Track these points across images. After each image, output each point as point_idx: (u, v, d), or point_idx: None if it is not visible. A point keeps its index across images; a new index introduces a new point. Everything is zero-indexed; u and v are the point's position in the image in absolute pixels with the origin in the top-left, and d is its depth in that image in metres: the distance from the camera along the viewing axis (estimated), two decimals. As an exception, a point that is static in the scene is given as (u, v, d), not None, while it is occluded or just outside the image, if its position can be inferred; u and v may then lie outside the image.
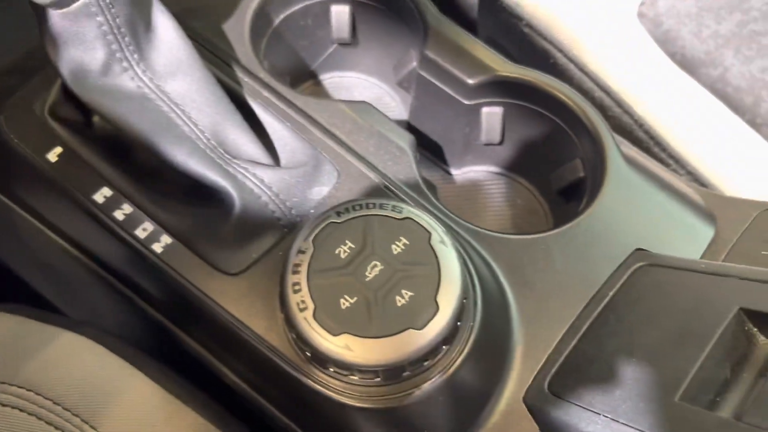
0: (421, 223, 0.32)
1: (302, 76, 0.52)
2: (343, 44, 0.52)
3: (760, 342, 0.30)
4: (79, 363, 0.36)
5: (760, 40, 0.54)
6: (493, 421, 0.33)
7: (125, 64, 0.35)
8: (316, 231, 0.32)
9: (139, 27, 0.35)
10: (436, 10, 0.46)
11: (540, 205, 0.48)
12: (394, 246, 0.32)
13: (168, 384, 0.37)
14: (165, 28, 0.36)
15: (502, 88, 0.43)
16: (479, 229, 0.38)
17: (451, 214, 0.38)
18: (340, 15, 0.49)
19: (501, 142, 0.47)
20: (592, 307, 0.35)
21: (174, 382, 0.38)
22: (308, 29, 0.50)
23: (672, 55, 0.52)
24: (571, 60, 0.47)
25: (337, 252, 0.31)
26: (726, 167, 0.45)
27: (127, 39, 0.34)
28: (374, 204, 0.33)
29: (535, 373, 0.34)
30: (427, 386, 0.31)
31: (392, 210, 0.33)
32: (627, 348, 0.32)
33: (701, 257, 0.37)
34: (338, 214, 0.32)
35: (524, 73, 0.42)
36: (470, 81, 0.43)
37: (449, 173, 0.50)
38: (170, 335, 0.39)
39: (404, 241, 0.32)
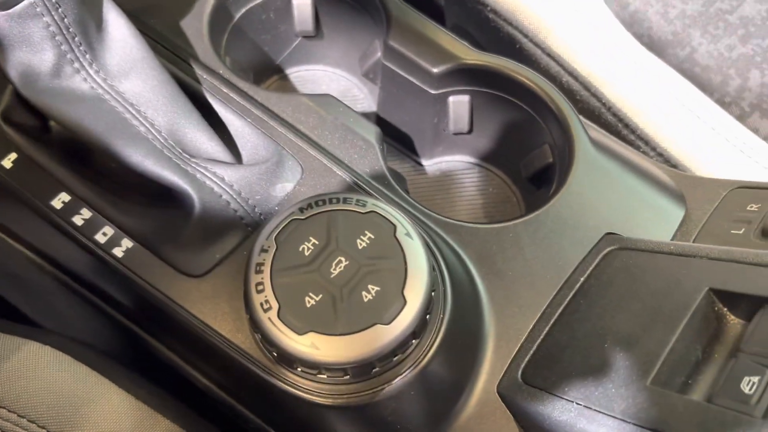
0: (385, 216, 0.32)
1: (267, 71, 0.52)
2: (307, 37, 0.51)
3: (730, 321, 0.30)
4: (44, 374, 0.35)
5: (727, 18, 0.53)
6: (467, 413, 0.33)
7: (77, 65, 0.34)
8: (279, 229, 0.31)
9: (90, 27, 0.34)
10: (399, 0, 0.45)
11: (512, 193, 0.48)
12: (359, 241, 0.31)
13: (137, 391, 0.37)
14: (117, 26, 0.35)
15: (467, 76, 0.43)
16: (448, 219, 0.37)
17: (419, 206, 0.38)
18: (302, 8, 0.48)
19: (470, 131, 0.47)
20: (563, 293, 0.35)
21: (144, 389, 0.37)
22: (270, 23, 0.49)
23: (639, 37, 0.52)
24: (537, 45, 0.46)
25: (300, 249, 0.31)
26: (695, 147, 0.44)
27: (77, 39, 0.33)
28: (338, 199, 0.32)
29: (508, 362, 0.33)
30: (398, 381, 0.31)
31: (356, 204, 0.32)
32: (598, 333, 0.32)
33: (672, 238, 0.37)
34: (301, 210, 0.32)
35: (489, 60, 0.42)
36: (435, 70, 0.42)
37: (420, 164, 0.50)
38: (139, 341, 0.38)
39: (369, 235, 0.31)
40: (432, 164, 0.50)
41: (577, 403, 0.30)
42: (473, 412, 0.33)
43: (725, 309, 0.30)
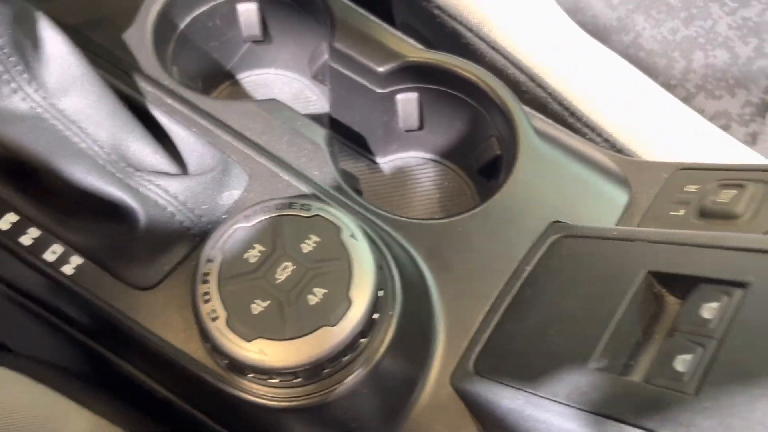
0: (330, 219, 0.32)
1: (218, 78, 0.52)
2: (256, 42, 0.51)
3: (669, 302, 0.31)
4: (1, 396, 0.35)
5: (669, 1, 0.54)
6: (421, 406, 0.33)
7: (14, 85, 0.34)
8: (224, 237, 0.32)
9: (26, 46, 0.34)
10: (344, 1, 0.46)
11: (468, 186, 0.49)
12: (304, 245, 0.31)
13: (100, 408, 0.37)
14: (55, 44, 0.35)
15: (413, 73, 0.43)
16: (397, 217, 0.38)
17: (369, 206, 0.38)
18: (248, 13, 0.48)
19: (421, 127, 0.47)
20: (511, 283, 0.35)
21: (106, 406, 0.37)
22: (217, 30, 0.49)
23: (584, 25, 0.52)
24: (482, 39, 0.47)
25: (246, 257, 0.31)
26: (641, 131, 0.45)
27: (13, 59, 0.33)
28: (282, 204, 0.32)
29: (460, 355, 0.34)
30: (350, 380, 0.31)
31: (301, 208, 0.32)
32: (545, 321, 0.33)
33: (617, 223, 0.38)
34: (246, 217, 0.32)
35: (433, 57, 0.42)
36: (380, 69, 0.43)
37: (375, 162, 0.50)
38: (98, 357, 0.38)
39: (315, 238, 0.32)
40: (387, 162, 0.50)
41: (525, 391, 0.30)
42: (428, 406, 0.33)
43: (664, 290, 0.31)
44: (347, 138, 0.50)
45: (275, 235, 0.32)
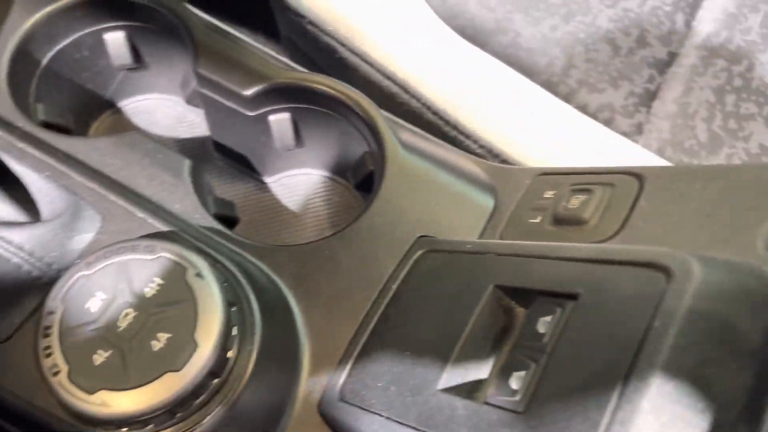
0: (175, 259, 0.31)
1: (96, 108, 0.50)
2: (131, 69, 0.50)
3: (518, 314, 0.31)
4: None
5: (547, -2, 0.55)
6: (289, 438, 0.33)
7: None
8: (66, 287, 0.31)
9: None
10: (207, 24, 0.45)
11: (356, 200, 0.49)
12: (148, 288, 0.31)
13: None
14: None
15: (280, 94, 0.43)
16: (261, 245, 0.37)
17: (233, 236, 0.38)
18: (116, 42, 0.47)
19: (302, 145, 0.47)
20: (378, 304, 0.35)
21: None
22: (87, 61, 0.48)
23: (462, 29, 0.52)
24: (354, 52, 0.46)
25: (87, 306, 0.30)
26: (518, 135, 0.45)
27: None
28: (125, 248, 0.32)
29: (326, 381, 0.34)
30: (209, 421, 0.31)
31: (144, 250, 0.32)
32: (405, 341, 0.33)
33: (481, 232, 0.38)
34: (88, 265, 0.31)
35: (297, 77, 0.42)
36: (246, 93, 0.42)
37: (263, 182, 0.50)
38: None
39: (159, 281, 0.31)
40: (275, 180, 0.50)
41: (381, 415, 0.30)
42: (295, 436, 0.33)
43: (514, 303, 0.31)
44: (232, 159, 0.49)
45: (118, 281, 0.31)
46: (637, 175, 0.33)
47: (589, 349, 0.25)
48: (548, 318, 0.28)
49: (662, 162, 0.49)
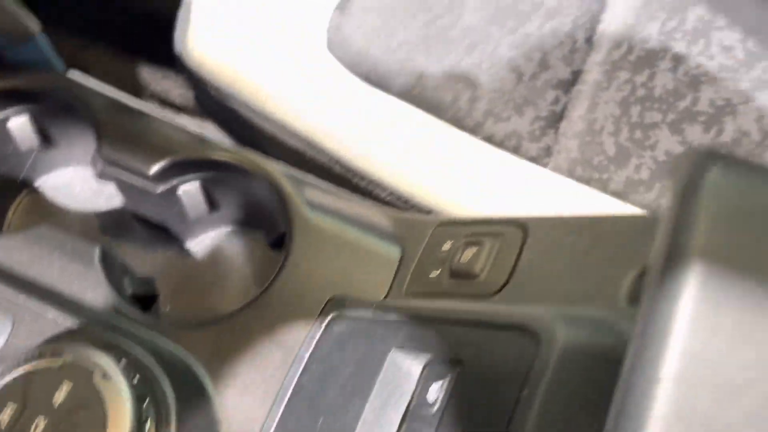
0: (81, 363, 0.32)
1: (11, 190, 0.51)
2: (43, 149, 0.50)
3: (415, 378, 0.32)
4: None
5: (448, 34, 0.56)
6: None
7: None
8: (-26, 403, 0.31)
9: None
10: (109, 102, 0.45)
11: (277, 256, 0.49)
12: (57, 395, 0.32)
13: None
14: None
15: (184, 168, 0.43)
16: (175, 324, 0.38)
17: (147, 320, 0.38)
18: (21, 127, 0.48)
19: (216, 209, 0.47)
20: (291, 374, 0.36)
21: None
22: (-6, 149, 0.48)
23: (366, 77, 0.53)
24: (257, 113, 0.47)
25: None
26: (427, 178, 0.47)
27: None
28: (31, 355, 0.32)
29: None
30: None
31: (51, 356, 0.32)
32: (316, 414, 0.34)
33: (389, 287, 0.39)
34: (-5, 378, 0.32)
35: (196, 149, 0.43)
36: (150, 172, 0.43)
37: (186, 248, 0.50)
38: None
39: (67, 387, 0.32)
40: (196, 244, 0.50)
41: (296, 492, 0.31)
42: None
43: (412, 366, 0.32)
44: (152, 228, 0.50)
45: (26, 390, 0.32)
46: (521, 225, 0.35)
47: (470, 418, 0.27)
48: (437, 384, 0.29)
49: (571, 184, 0.51)
